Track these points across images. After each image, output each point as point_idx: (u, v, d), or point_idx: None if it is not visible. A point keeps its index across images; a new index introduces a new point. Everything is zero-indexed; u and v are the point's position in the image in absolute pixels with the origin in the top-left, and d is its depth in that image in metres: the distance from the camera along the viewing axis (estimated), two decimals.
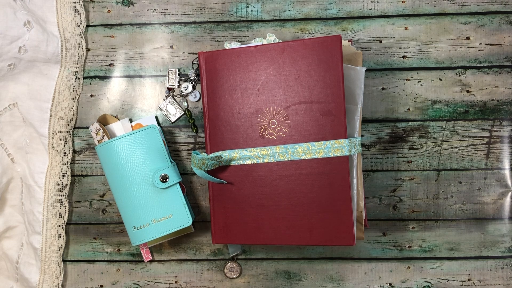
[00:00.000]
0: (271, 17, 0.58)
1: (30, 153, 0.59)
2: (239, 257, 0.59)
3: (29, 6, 0.57)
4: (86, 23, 0.59)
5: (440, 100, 0.57)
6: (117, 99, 0.60)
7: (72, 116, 0.59)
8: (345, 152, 0.48)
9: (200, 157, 0.50)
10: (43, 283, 0.59)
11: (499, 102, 0.57)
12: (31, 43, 0.55)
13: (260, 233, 0.51)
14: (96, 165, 0.60)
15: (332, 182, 0.48)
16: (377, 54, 0.58)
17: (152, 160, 0.54)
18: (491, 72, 0.57)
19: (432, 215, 0.58)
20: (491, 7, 0.57)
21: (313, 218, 0.49)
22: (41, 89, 0.57)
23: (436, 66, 0.57)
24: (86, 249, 0.61)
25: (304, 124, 0.49)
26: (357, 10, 0.58)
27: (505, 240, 0.57)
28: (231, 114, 0.51)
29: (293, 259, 0.59)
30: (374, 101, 0.58)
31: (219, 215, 0.53)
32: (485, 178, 0.57)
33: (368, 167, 0.58)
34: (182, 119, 0.59)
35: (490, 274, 0.57)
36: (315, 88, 0.49)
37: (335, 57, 0.48)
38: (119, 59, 0.60)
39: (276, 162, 0.50)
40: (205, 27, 0.59)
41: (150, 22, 0.59)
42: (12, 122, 0.59)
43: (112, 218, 0.60)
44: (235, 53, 0.51)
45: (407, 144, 0.58)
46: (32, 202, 0.58)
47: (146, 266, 0.60)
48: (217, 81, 0.52)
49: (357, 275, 0.59)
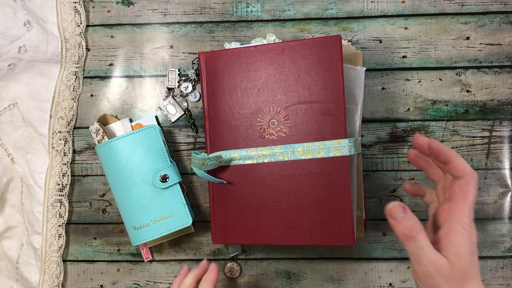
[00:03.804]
0: (271, 17, 0.58)
1: (30, 153, 0.59)
2: (239, 257, 0.59)
3: (29, 6, 0.57)
4: (86, 23, 0.59)
5: (440, 100, 0.57)
6: (117, 99, 0.60)
7: (72, 116, 0.59)
8: (345, 152, 0.48)
9: (200, 157, 0.50)
10: (43, 283, 0.59)
11: (499, 102, 0.57)
12: (31, 43, 0.55)
13: (260, 233, 0.51)
14: (96, 165, 0.60)
15: (332, 182, 0.48)
16: (377, 54, 0.58)
17: (152, 160, 0.54)
18: (491, 72, 0.57)
19: None
20: (491, 7, 0.57)
21: (313, 218, 0.49)
22: (41, 89, 0.57)
23: (436, 66, 0.57)
24: (86, 249, 0.61)
25: (304, 124, 0.49)
26: (357, 10, 0.58)
27: (505, 240, 0.57)
28: (231, 114, 0.51)
29: (293, 259, 0.59)
30: (374, 101, 0.58)
31: (219, 215, 0.53)
32: (485, 178, 0.57)
33: (368, 167, 0.58)
34: (182, 119, 0.59)
35: (490, 274, 0.57)
36: (315, 88, 0.49)
37: (335, 57, 0.48)
38: (119, 59, 0.60)
39: (276, 162, 0.50)
40: (205, 27, 0.59)
41: (150, 22, 0.59)
42: (12, 122, 0.59)
43: (112, 218, 0.60)
44: (235, 53, 0.51)
45: (407, 144, 0.58)
46: (32, 202, 0.58)
47: (146, 266, 0.60)
48: (217, 81, 0.52)
49: (357, 275, 0.59)
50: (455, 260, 0.40)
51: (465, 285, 0.41)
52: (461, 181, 0.43)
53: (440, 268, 0.41)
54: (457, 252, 0.41)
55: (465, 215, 0.42)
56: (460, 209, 0.42)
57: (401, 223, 0.41)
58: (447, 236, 0.42)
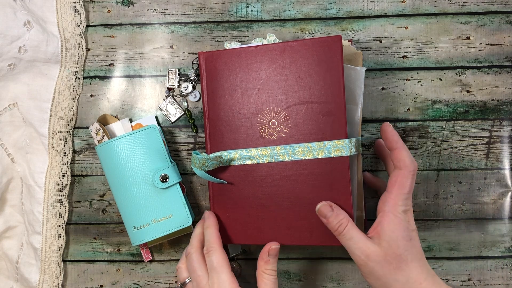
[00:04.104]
0: (271, 17, 0.58)
1: (30, 153, 0.58)
2: (239, 257, 0.59)
3: (29, 6, 0.57)
4: (86, 23, 0.59)
5: (440, 100, 0.57)
6: (117, 99, 0.60)
7: (72, 116, 0.59)
8: (345, 152, 0.48)
9: (200, 157, 0.50)
10: (43, 283, 0.59)
11: (499, 102, 0.57)
12: (31, 43, 0.55)
13: (260, 233, 0.51)
14: (96, 165, 0.60)
15: (332, 182, 0.48)
16: (377, 54, 0.58)
17: (152, 160, 0.54)
18: (491, 72, 0.57)
19: (431, 215, 0.58)
20: (491, 7, 0.57)
21: (313, 218, 0.49)
22: (41, 89, 0.57)
23: (436, 66, 0.57)
24: (86, 249, 0.61)
25: (305, 124, 0.49)
26: (357, 10, 0.58)
27: (505, 240, 0.57)
28: (231, 114, 0.51)
29: (293, 259, 0.59)
30: (374, 101, 0.58)
31: (219, 215, 0.53)
32: (485, 178, 0.57)
33: (368, 167, 0.58)
34: (182, 119, 0.59)
35: (490, 274, 0.58)
36: (315, 89, 0.49)
37: (335, 57, 0.48)
38: (119, 59, 0.60)
39: (276, 162, 0.50)
40: (205, 27, 0.59)
41: (150, 22, 0.59)
42: (12, 122, 0.59)
43: (112, 218, 0.60)
44: (235, 53, 0.51)
45: (407, 144, 0.57)
46: (32, 202, 0.58)
47: (146, 266, 0.60)
48: (217, 81, 0.52)
49: (357, 275, 0.59)
50: (387, 246, 0.42)
51: (401, 269, 0.42)
52: (399, 172, 0.45)
53: (371, 255, 0.43)
54: (389, 239, 0.43)
55: (398, 204, 0.44)
56: (394, 198, 0.45)
57: (330, 221, 0.45)
58: (380, 224, 0.44)
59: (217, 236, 0.48)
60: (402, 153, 0.45)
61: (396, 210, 0.44)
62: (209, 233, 0.48)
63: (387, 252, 0.42)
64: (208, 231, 0.49)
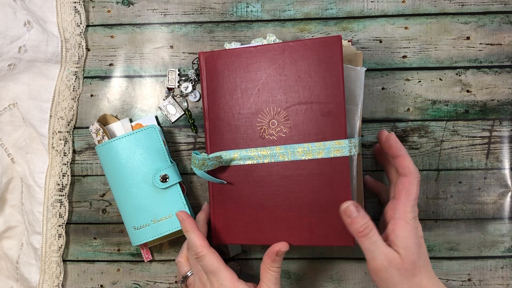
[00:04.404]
0: (271, 17, 0.58)
1: (30, 153, 0.59)
2: (239, 257, 0.59)
3: (29, 6, 0.57)
4: (86, 23, 0.59)
5: (440, 100, 0.57)
6: (117, 99, 0.60)
7: (72, 116, 0.59)
8: (345, 152, 0.48)
9: (200, 157, 0.50)
10: (43, 283, 0.59)
11: (499, 102, 0.57)
12: (31, 43, 0.55)
13: (260, 233, 0.51)
14: (96, 165, 0.60)
15: (332, 183, 0.48)
16: (377, 54, 0.58)
17: (152, 160, 0.54)
18: (491, 72, 0.57)
19: (431, 215, 0.58)
20: (491, 7, 0.57)
21: (313, 218, 0.49)
22: (41, 89, 0.57)
23: (436, 66, 0.57)
24: (86, 249, 0.61)
25: (304, 125, 0.49)
26: (357, 10, 0.58)
27: (505, 240, 0.57)
28: (231, 114, 0.51)
29: (293, 259, 0.59)
30: (374, 101, 0.58)
31: (219, 215, 0.53)
32: (485, 178, 0.57)
33: (368, 167, 0.58)
34: (182, 119, 0.59)
35: (490, 274, 0.58)
36: (315, 89, 0.49)
37: (335, 57, 0.48)
38: (119, 59, 0.60)
39: (276, 163, 0.50)
40: (205, 27, 0.59)
41: (150, 22, 0.59)
42: (12, 122, 0.59)
43: (112, 218, 0.60)
44: (235, 53, 0.51)
45: (407, 144, 0.58)
46: (32, 202, 0.58)
47: (146, 266, 0.60)
48: (217, 81, 0.52)
49: (357, 275, 0.59)
50: (404, 253, 0.43)
51: (416, 276, 0.43)
52: (405, 179, 0.46)
53: (393, 261, 0.43)
54: (405, 246, 0.43)
55: (408, 211, 0.44)
56: (403, 205, 0.45)
57: (356, 221, 0.44)
58: (394, 232, 0.44)
59: (200, 238, 0.47)
60: (406, 160, 0.46)
61: (406, 216, 0.44)
62: (191, 238, 0.48)
63: (404, 259, 0.42)
64: (189, 235, 0.48)
